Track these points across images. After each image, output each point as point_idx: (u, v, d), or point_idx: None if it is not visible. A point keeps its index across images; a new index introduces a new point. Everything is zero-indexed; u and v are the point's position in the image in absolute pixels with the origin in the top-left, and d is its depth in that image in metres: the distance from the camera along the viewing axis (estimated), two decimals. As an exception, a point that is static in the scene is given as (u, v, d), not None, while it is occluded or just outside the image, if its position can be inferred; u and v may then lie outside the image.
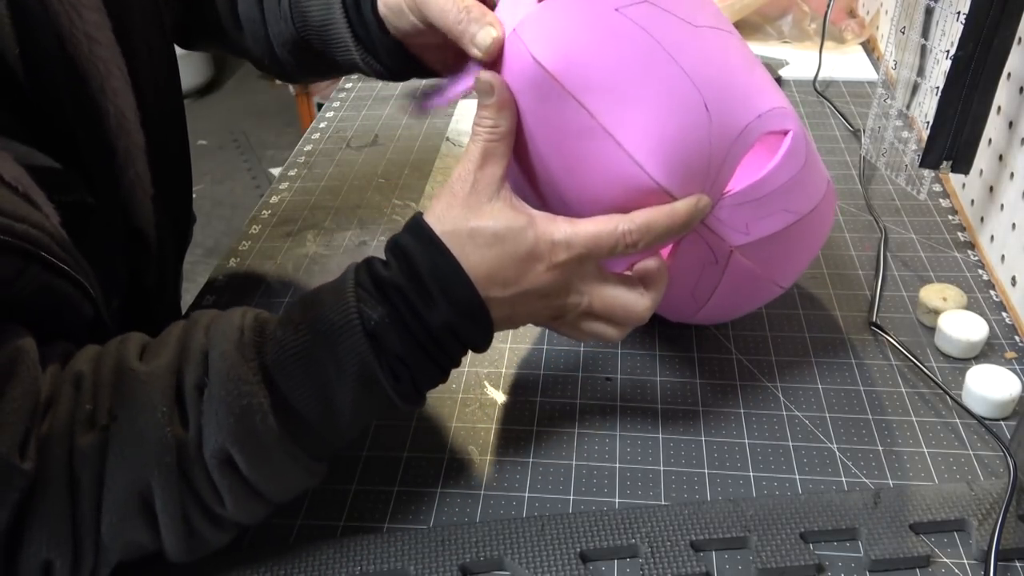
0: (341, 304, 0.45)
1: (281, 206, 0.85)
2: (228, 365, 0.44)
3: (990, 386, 0.56)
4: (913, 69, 0.79)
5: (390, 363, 0.45)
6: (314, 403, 0.45)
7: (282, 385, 0.45)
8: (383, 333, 0.45)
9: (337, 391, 0.45)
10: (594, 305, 0.49)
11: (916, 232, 0.75)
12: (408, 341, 0.45)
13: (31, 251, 0.44)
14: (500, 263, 0.46)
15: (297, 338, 0.45)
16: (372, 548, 0.49)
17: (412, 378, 0.46)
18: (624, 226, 0.47)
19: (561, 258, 0.47)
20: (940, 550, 0.48)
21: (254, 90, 3.42)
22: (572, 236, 0.47)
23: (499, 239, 0.46)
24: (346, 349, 0.45)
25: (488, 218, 0.46)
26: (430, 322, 0.45)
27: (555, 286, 0.48)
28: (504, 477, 0.54)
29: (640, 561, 0.48)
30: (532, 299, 0.48)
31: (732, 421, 0.57)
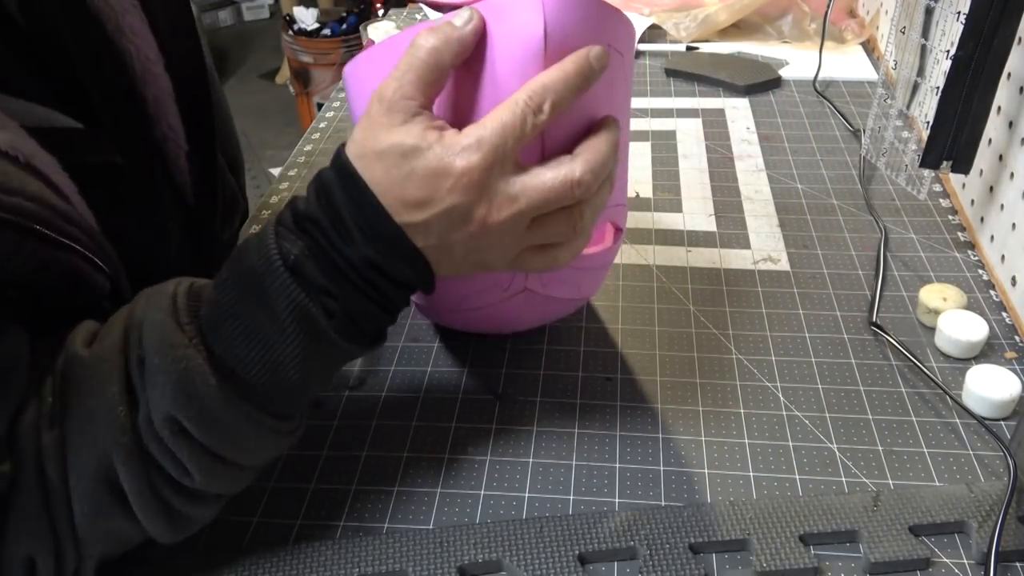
0: (262, 246, 0.43)
1: (281, 206, 0.85)
2: (161, 332, 0.42)
3: (990, 386, 0.56)
4: (913, 69, 0.79)
5: (319, 298, 0.43)
6: (254, 357, 0.43)
7: (217, 344, 0.43)
8: (305, 266, 0.43)
9: (274, 338, 0.43)
10: (532, 200, 0.44)
11: (916, 232, 0.75)
12: (332, 272, 0.43)
13: (25, 225, 0.42)
14: (409, 182, 0.43)
15: (225, 293, 0.44)
16: (371, 549, 0.49)
17: (347, 313, 0.44)
18: (523, 96, 0.43)
19: (473, 160, 0.43)
20: (940, 551, 0.48)
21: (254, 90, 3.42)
22: (480, 134, 0.43)
23: (405, 157, 0.43)
24: (272, 290, 0.43)
25: (397, 136, 0.43)
26: (350, 256, 0.43)
27: (475, 196, 0.43)
28: (504, 477, 0.54)
29: (639, 563, 0.48)
30: (459, 224, 0.44)
31: (732, 421, 0.57)
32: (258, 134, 3.06)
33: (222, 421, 0.43)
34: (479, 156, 0.43)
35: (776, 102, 1.01)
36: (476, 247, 0.46)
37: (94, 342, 0.44)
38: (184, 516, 0.45)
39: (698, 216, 0.80)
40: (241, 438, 0.44)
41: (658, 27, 1.20)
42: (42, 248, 0.44)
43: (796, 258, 0.73)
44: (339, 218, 0.43)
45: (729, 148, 0.91)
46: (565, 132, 0.48)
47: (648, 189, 0.84)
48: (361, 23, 1.13)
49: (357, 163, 0.44)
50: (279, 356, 0.43)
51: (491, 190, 0.44)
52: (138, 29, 0.55)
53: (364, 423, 0.59)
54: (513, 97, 0.44)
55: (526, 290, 0.55)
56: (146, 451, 0.42)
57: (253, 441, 0.45)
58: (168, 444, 0.42)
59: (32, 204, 0.43)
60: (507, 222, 0.45)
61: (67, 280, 0.46)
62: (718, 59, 1.10)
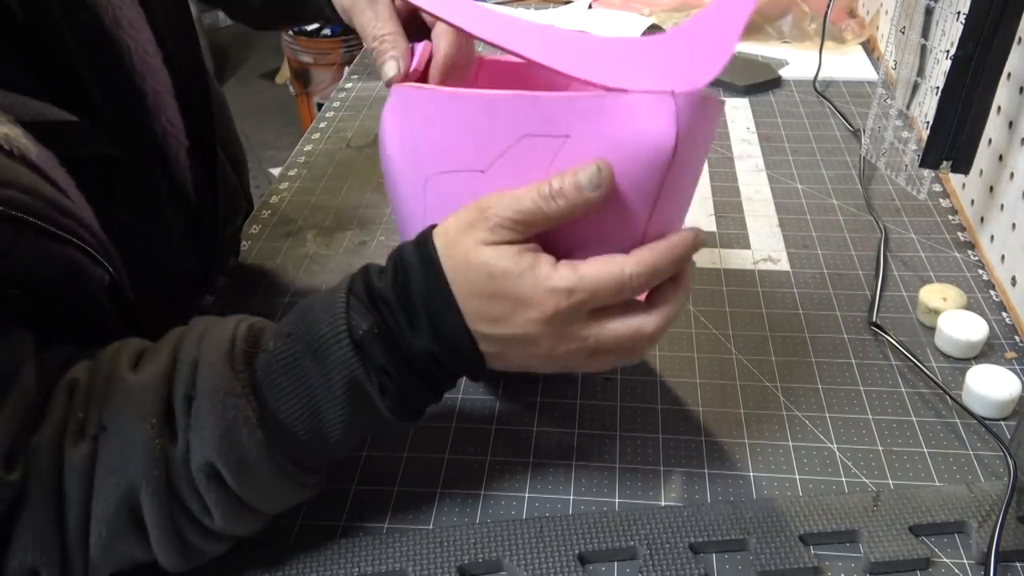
0: (331, 312, 0.44)
1: (281, 206, 0.85)
2: (216, 377, 0.43)
3: (990, 386, 0.56)
4: (913, 69, 0.79)
5: (377, 375, 0.44)
6: (301, 416, 0.44)
7: (269, 398, 0.44)
8: (370, 343, 0.44)
9: (324, 402, 0.44)
10: (601, 343, 0.45)
11: (916, 232, 0.75)
12: (394, 355, 0.44)
13: (20, 218, 0.42)
14: (492, 301, 0.43)
15: (286, 348, 0.44)
16: (372, 549, 0.49)
17: (400, 392, 0.45)
18: (631, 269, 0.43)
19: (560, 306, 0.43)
20: (940, 551, 0.48)
21: (254, 90, 3.42)
22: (575, 283, 0.43)
23: (494, 278, 0.43)
24: (333, 359, 0.44)
25: (492, 253, 0.43)
26: (416, 346, 0.44)
27: (548, 334, 0.44)
28: (504, 477, 0.54)
29: (639, 563, 0.48)
30: (526, 344, 0.45)
31: (732, 421, 0.57)
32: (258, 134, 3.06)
33: (257, 473, 0.44)
34: (567, 303, 0.43)
35: (776, 102, 1.01)
36: (531, 363, 0.47)
37: (139, 364, 0.45)
38: (198, 550, 0.45)
39: (698, 216, 0.80)
40: (270, 489, 0.45)
41: (658, 27, 1.20)
42: (39, 241, 0.44)
43: (796, 258, 0.73)
44: (412, 305, 0.44)
45: (729, 148, 0.91)
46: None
47: (648, 189, 0.84)
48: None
49: (447, 264, 0.44)
50: (324, 420, 0.44)
51: (567, 332, 0.44)
52: (136, 23, 0.55)
53: (364, 423, 0.59)
54: (621, 261, 0.43)
55: None
56: (174, 487, 0.43)
57: (279, 492, 0.46)
58: (199, 486, 0.43)
59: (27, 197, 0.43)
60: (571, 354, 0.46)
61: (66, 274, 0.46)
62: (718, 59, 1.09)
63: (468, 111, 0.45)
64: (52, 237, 0.44)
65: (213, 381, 0.43)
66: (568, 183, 0.42)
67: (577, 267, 0.43)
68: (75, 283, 0.47)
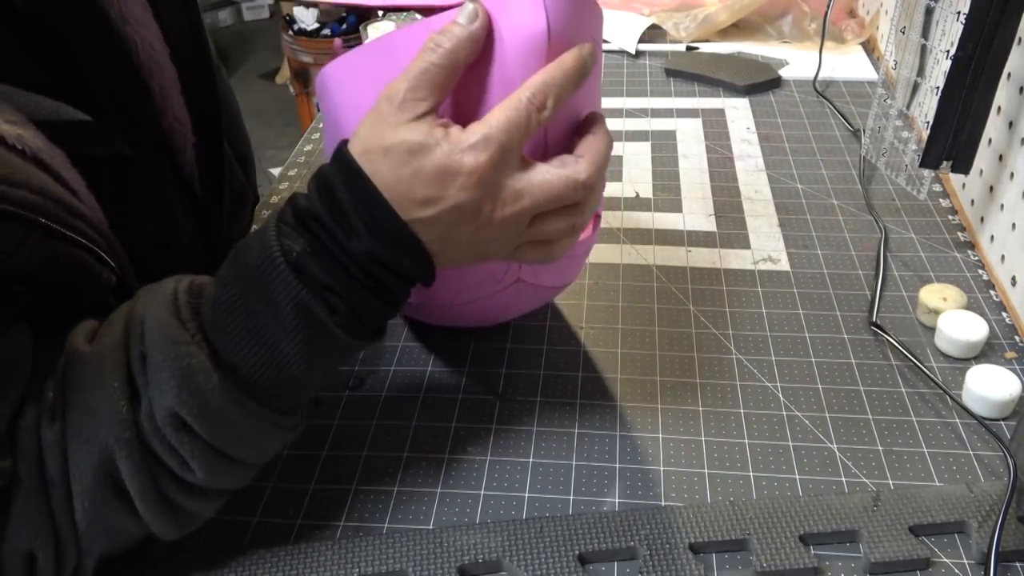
0: (262, 243, 0.43)
1: (282, 206, 0.85)
2: (163, 328, 0.43)
3: (990, 386, 0.56)
4: (913, 69, 0.79)
5: (321, 293, 0.43)
6: (256, 352, 0.43)
7: (219, 340, 0.43)
8: (307, 263, 0.43)
9: (277, 335, 0.43)
10: (538, 199, 0.45)
11: (916, 232, 0.75)
12: (334, 269, 0.43)
13: (30, 218, 0.42)
14: (417, 180, 0.43)
15: (226, 290, 0.44)
16: (371, 549, 0.49)
17: (350, 309, 0.44)
18: (526, 92, 0.44)
19: (481, 158, 0.43)
20: (940, 551, 0.48)
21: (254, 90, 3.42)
22: (487, 131, 0.43)
23: (413, 154, 0.43)
24: (274, 287, 0.43)
25: (405, 132, 0.43)
26: (353, 251, 0.43)
27: (483, 193, 0.44)
28: (504, 477, 0.54)
29: (639, 563, 0.48)
30: (465, 219, 0.44)
31: (732, 421, 0.57)
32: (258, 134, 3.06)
33: (224, 417, 0.43)
34: (486, 154, 0.43)
35: (776, 102, 1.01)
36: (478, 240, 0.46)
37: (95, 338, 0.44)
38: (186, 511, 0.45)
39: (698, 216, 0.80)
40: (243, 434, 0.44)
41: (658, 27, 1.20)
42: (48, 241, 0.44)
43: (796, 258, 0.73)
44: (342, 213, 0.43)
45: (729, 148, 0.91)
46: (562, 127, 0.48)
47: (648, 189, 0.84)
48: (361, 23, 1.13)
49: (361, 159, 0.44)
50: (282, 353, 0.44)
51: (498, 187, 0.44)
52: (142, 18, 0.55)
53: (364, 423, 0.59)
54: (516, 94, 0.44)
55: (519, 280, 0.56)
56: (148, 446, 0.42)
57: (255, 437, 0.45)
58: (170, 440, 0.42)
59: (37, 197, 0.43)
60: (511, 218, 0.45)
61: (73, 274, 0.46)
62: (718, 59, 1.10)
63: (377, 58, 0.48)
64: (61, 238, 0.44)
65: (161, 333, 0.42)
66: (447, 27, 0.44)
67: (485, 119, 0.44)
68: (82, 283, 0.47)
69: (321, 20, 2.83)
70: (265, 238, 0.44)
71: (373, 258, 0.44)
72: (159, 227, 0.58)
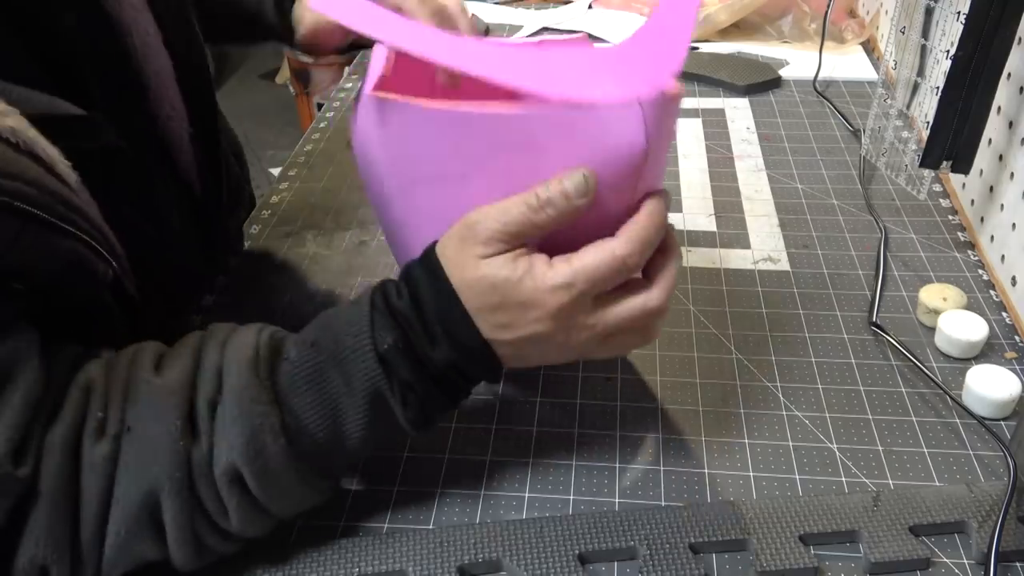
0: (356, 325, 0.45)
1: (281, 206, 0.85)
2: (242, 383, 0.44)
3: (990, 386, 0.56)
4: (913, 69, 0.79)
5: (400, 388, 0.45)
6: (323, 424, 0.45)
7: (294, 405, 0.45)
8: (393, 357, 0.45)
9: (346, 412, 0.45)
10: (610, 326, 0.47)
11: (916, 232, 0.75)
12: (417, 369, 0.45)
13: (27, 211, 0.42)
14: (500, 309, 0.45)
15: (312, 358, 0.45)
16: (372, 549, 0.49)
17: (421, 404, 0.46)
18: (621, 249, 0.44)
19: (563, 301, 0.44)
20: (940, 551, 0.48)
21: (254, 90, 3.42)
22: (572, 276, 0.44)
23: (496, 288, 0.44)
24: (358, 370, 0.45)
25: (489, 266, 0.44)
26: (435, 358, 0.45)
27: (557, 327, 0.46)
28: (504, 477, 0.54)
29: (639, 563, 0.48)
30: (539, 342, 0.46)
31: (732, 421, 0.57)
32: (258, 134, 3.06)
33: (279, 478, 0.44)
34: (568, 297, 0.44)
35: (776, 102, 1.01)
36: (547, 355, 0.48)
37: (160, 368, 0.45)
38: (212, 551, 0.46)
39: (698, 216, 0.80)
40: (290, 495, 0.46)
41: (658, 27, 1.20)
42: (44, 235, 0.44)
43: (796, 258, 0.73)
44: (429, 322, 0.45)
45: (729, 148, 0.91)
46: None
47: (648, 189, 0.84)
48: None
49: (453, 279, 0.45)
50: (346, 428, 0.46)
51: (574, 321, 0.46)
52: (136, 3, 0.55)
53: (364, 423, 0.59)
54: (610, 243, 0.45)
55: None
56: (196, 491, 0.43)
57: (298, 497, 0.46)
58: (221, 490, 0.43)
59: (32, 189, 0.43)
60: (584, 342, 0.47)
61: (69, 268, 0.46)
62: (718, 59, 1.10)
63: (443, 125, 0.46)
64: (57, 231, 0.45)
65: (239, 386, 0.44)
66: (555, 192, 0.44)
67: (571, 260, 0.45)
68: (79, 277, 0.47)
69: (321, 20, 2.82)
70: (359, 321, 0.45)
71: (452, 366, 0.46)
72: (152, 220, 0.58)
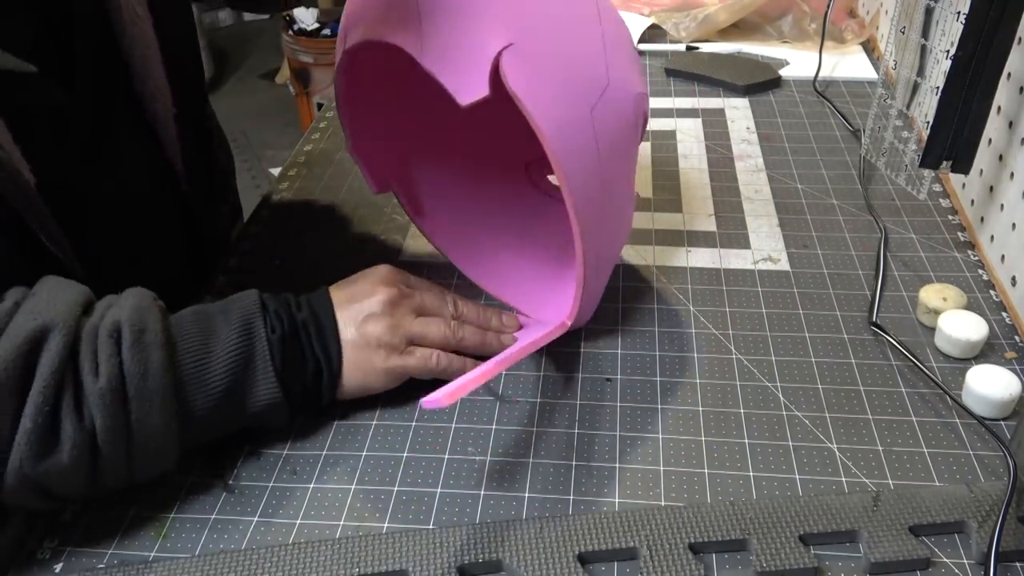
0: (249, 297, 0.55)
1: (281, 206, 0.85)
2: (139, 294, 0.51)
3: (990, 386, 0.56)
4: (913, 69, 0.79)
5: (269, 319, 0.54)
6: (199, 334, 0.51)
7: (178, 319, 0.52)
8: (268, 300, 0.55)
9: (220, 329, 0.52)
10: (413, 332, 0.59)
11: (916, 232, 0.75)
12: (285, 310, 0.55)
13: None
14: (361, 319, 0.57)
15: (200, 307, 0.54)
16: (371, 549, 0.49)
17: (281, 339, 0.53)
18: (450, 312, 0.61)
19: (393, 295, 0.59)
20: (940, 551, 0.48)
21: (254, 90, 3.42)
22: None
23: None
24: (237, 306, 0.53)
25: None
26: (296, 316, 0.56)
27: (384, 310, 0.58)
28: (504, 477, 0.54)
29: (639, 563, 0.48)
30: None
31: (732, 421, 0.57)
32: (258, 134, 3.06)
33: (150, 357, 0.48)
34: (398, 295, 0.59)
35: (776, 102, 1.01)
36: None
37: None
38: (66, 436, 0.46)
39: (698, 216, 0.80)
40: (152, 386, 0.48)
41: (658, 27, 1.20)
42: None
43: (796, 258, 0.73)
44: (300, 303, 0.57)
45: (729, 148, 0.91)
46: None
47: (648, 189, 0.84)
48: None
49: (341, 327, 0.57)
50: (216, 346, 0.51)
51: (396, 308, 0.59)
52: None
53: (364, 423, 0.59)
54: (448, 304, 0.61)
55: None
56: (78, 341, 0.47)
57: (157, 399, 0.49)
58: (100, 342, 0.47)
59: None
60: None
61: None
62: (718, 59, 1.10)
63: None
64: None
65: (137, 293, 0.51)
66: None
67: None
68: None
69: (321, 20, 2.83)
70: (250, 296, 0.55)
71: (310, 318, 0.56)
72: (117, 183, 0.61)
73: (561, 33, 0.54)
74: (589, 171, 0.54)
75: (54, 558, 0.50)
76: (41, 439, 0.45)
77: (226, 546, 0.51)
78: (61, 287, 0.50)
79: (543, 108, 0.51)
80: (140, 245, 0.64)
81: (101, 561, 0.50)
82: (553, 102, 0.51)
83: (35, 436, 0.45)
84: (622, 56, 0.57)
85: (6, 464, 0.45)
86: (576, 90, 0.53)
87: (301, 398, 0.55)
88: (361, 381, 0.57)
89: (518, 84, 0.50)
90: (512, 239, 0.66)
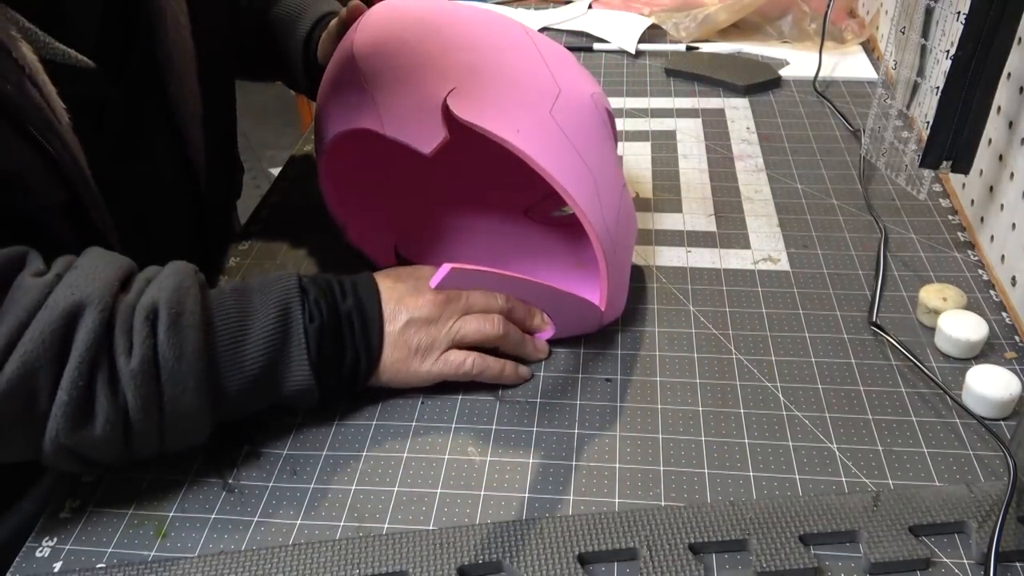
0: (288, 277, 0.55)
1: (281, 206, 0.85)
2: (179, 268, 0.52)
3: (990, 386, 0.56)
4: (913, 69, 0.79)
5: (309, 307, 0.54)
6: (237, 316, 0.52)
7: (217, 301, 0.52)
8: (309, 286, 0.55)
9: (257, 311, 0.52)
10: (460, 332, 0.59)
11: (916, 232, 0.75)
12: (327, 296, 0.55)
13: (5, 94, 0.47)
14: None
15: (239, 284, 0.54)
16: (371, 549, 0.49)
17: (319, 329, 0.53)
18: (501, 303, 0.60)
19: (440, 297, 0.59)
20: (940, 551, 0.48)
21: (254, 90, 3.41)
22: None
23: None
24: (276, 288, 0.54)
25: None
26: (341, 306, 0.56)
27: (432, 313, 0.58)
28: (504, 478, 0.54)
29: (639, 563, 0.48)
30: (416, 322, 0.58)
31: (732, 421, 0.57)
32: (258, 134, 3.05)
33: (186, 340, 0.49)
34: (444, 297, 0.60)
35: (776, 102, 1.01)
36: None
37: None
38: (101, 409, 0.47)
39: (698, 216, 0.80)
40: (186, 368, 0.49)
41: (658, 27, 1.20)
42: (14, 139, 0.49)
43: (796, 258, 0.73)
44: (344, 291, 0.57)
45: (729, 148, 0.91)
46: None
47: (648, 189, 0.84)
48: (361, 23, 1.13)
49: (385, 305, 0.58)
50: (254, 329, 0.52)
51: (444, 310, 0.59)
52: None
53: (364, 423, 0.59)
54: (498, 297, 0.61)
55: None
56: (114, 316, 0.48)
57: (189, 388, 0.49)
58: (135, 322, 0.48)
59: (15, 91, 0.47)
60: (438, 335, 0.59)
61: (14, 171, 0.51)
62: (718, 59, 1.10)
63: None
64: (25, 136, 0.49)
65: (176, 271, 0.52)
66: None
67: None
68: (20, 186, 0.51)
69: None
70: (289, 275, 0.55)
71: (352, 312, 0.56)
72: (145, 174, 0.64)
73: (500, 65, 0.60)
74: (570, 162, 0.58)
75: (53, 557, 0.50)
76: (76, 412, 0.47)
77: (226, 546, 0.51)
78: (103, 260, 0.50)
79: (500, 125, 0.56)
80: (152, 239, 0.65)
81: (101, 560, 0.50)
82: (509, 117, 0.57)
83: (71, 409, 0.46)
84: (567, 68, 0.63)
85: (44, 433, 0.47)
86: (530, 101, 0.59)
87: (336, 384, 0.56)
88: (394, 377, 0.58)
89: (469, 114, 0.56)
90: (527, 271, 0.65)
